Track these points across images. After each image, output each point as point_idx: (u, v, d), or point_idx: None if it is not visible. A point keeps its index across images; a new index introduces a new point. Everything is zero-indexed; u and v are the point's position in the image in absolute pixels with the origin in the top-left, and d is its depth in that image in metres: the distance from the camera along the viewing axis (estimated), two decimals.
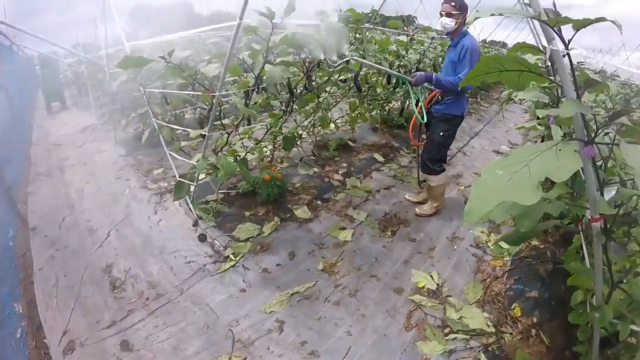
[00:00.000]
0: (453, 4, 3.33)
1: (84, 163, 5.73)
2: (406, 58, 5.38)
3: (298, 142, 4.59)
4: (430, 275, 3.21)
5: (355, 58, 3.66)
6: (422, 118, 3.85)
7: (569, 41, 1.18)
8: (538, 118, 3.81)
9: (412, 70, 5.49)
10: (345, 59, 3.45)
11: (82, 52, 8.01)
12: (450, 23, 3.38)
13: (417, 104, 3.89)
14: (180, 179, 3.45)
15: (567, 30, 1.18)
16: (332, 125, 5.29)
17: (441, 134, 3.75)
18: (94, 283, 3.13)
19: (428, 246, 3.64)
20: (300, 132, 4.44)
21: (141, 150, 5.77)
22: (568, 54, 1.20)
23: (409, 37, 5.54)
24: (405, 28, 5.76)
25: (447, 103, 3.68)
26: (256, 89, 2.89)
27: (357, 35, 3.67)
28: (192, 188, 3.59)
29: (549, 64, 3.39)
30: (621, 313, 1.74)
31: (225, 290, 2.99)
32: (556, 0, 1.19)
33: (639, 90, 7.37)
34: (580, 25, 1.10)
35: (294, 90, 3.34)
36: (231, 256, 3.30)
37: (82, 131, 7.70)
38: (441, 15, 3.41)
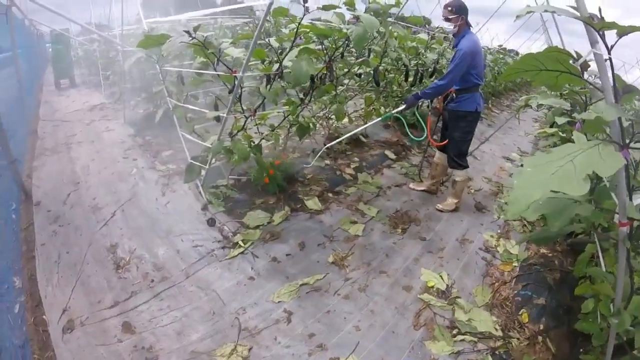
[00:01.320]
0: (450, 8, 3.59)
1: (91, 141, 5.68)
2: (425, 56, 5.32)
3: (311, 134, 4.55)
4: (440, 276, 3.17)
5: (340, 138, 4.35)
6: (416, 137, 4.25)
7: (612, 46, 1.17)
8: (551, 125, 3.78)
9: (429, 69, 5.49)
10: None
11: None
12: (449, 27, 3.71)
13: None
14: (192, 161, 3.40)
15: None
16: (346, 119, 5.24)
17: (459, 130, 3.96)
18: (97, 262, 3.07)
19: (438, 246, 3.61)
20: (315, 123, 4.39)
21: (150, 131, 5.72)
22: (610, 59, 1.19)
23: (429, 36, 5.47)
24: (427, 26, 5.69)
25: (461, 100, 3.86)
26: (280, 75, 2.84)
27: (381, 29, 3.61)
28: (203, 171, 3.54)
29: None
30: (637, 321, 1.73)
31: (233, 277, 2.94)
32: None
33: None
34: (625, 31, 1.11)
35: (316, 79, 3.28)
36: (240, 243, 3.26)
37: (90, 109, 7.64)
38: (443, 19, 3.73)
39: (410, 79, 5.36)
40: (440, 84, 3.68)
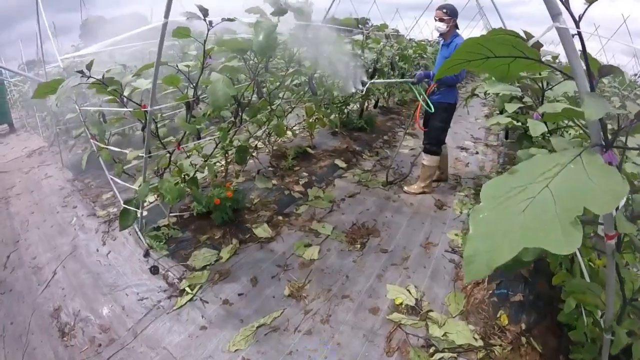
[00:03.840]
0: (445, 10, 3.99)
1: (30, 191, 5.30)
2: (362, 57, 5.18)
3: (254, 154, 4.31)
4: (407, 289, 2.98)
5: (377, 81, 4.98)
6: (430, 108, 4.22)
7: (580, 17, 0.92)
8: (500, 112, 3.72)
9: (369, 70, 5.39)
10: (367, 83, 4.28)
11: (25, 70, 7.49)
12: (442, 26, 4.02)
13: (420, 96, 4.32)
14: (126, 206, 3.10)
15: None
16: (289, 133, 5.03)
17: (440, 120, 4.37)
18: (42, 330, 2.78)
19: (401, 256, 3.42)
20: (255, 143, 4.15)
21: (89, 173, 5.35)
22: (579, 34, 0.93)
23: (364, 36, 5.35)
24: (361, 27, 5.56)
25: (443, 93, 4.30)
26: (196, 101, 2.58)
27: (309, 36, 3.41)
28: (139, 214, 3.24)
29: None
30: (633, 331, 1.56)
31: (184, 329, 2.66)
32: None
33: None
34: None
35: (241, 99, 3.03)
36: (187, 289, 2.96)
37: (29, 155, 7.22)
38: (435, 20, 4.07)
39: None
40: (454, 77, 4.08)
